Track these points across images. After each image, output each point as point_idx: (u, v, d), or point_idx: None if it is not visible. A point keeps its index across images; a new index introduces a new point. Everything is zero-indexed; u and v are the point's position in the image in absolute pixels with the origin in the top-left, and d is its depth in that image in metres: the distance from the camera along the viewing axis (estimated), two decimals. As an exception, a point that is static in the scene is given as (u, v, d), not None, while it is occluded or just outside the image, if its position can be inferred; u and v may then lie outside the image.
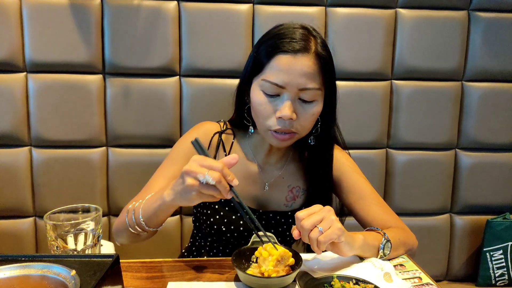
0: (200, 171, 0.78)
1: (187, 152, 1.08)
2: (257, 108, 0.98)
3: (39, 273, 0.61)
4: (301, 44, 0.93)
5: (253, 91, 0.99)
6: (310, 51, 0.93)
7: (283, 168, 1.13)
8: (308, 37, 0.95)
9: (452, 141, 1.68)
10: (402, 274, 0.91)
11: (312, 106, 0.97)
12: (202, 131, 1.11)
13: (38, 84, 1.49)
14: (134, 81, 1.52)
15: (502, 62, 1.64)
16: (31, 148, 1.53)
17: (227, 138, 1.12)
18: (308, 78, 0.93)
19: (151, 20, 1.49)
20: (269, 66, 0.94)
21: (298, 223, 0.82)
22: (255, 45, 1.01)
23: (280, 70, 0.93)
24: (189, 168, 0.80)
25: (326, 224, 0.81)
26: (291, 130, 0.97)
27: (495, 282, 1.68)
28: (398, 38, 1.60)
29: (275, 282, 0.82)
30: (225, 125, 1.14)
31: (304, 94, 0.95)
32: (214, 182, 0.78)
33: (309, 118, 0.98)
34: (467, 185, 1.70)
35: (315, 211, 0.83)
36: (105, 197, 1.57)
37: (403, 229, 1.05)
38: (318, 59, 0.94)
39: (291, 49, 0.92)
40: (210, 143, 1.10)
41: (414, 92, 1.63)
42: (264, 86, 0.95)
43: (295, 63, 0.92)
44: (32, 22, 1.46)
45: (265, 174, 1.11)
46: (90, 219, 0.78)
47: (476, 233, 1.72)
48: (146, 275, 0.89)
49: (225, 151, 1.11)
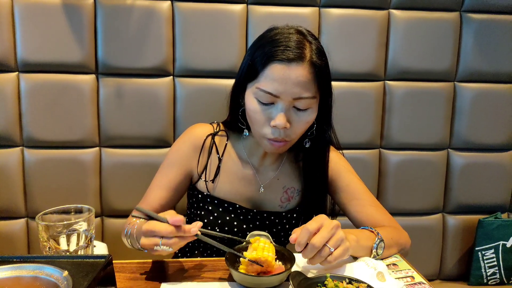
0: (153, 242, 0.80)
1: (180, 159, 1.10)
2: (251, 115, 0.98)
3: (31, 274, 0.61)
4: (296, 53, 0.92)
5: (248, 98, 0.99)
6: (304, 59, 0.92)
7: (278, 169, 1.13)
8: (303, 43, 0.94)
9: (445, 142, 1.69)
10: (395, 274, 0.92)
11: (306, 114, 0.96)
12: (194, 137, 1.11)
13: (30, 84, 1.48)
14: (127, 81, 1.52)
15: (493, 63, 1.65)
16: (23, 148, 1.51)
17: (221, 140, 1.12)
18: (303, 88, 0.92)
19: (144, 20, 1.49)
20: (264, 75, 0.94)
21: (306, 235, 0.79)
22: (250, 49, 1.01)
23: (274, 79, 0.92)
24: (143, 243, 0.82)
25: (335, 242, 0.79)
26: (285, 139, 0.97)
27: (486, 281, 1.69)
28: (391, 39, 1.61)
29: (268, 280, 0.82)
30: (218, 126, 1.14)
31: (299, 103, 0.94)
32: (170, 249, 0.81)
33: (303, 126, 0.98)
34: (459, 185, 1.71)
35: (323, 224, 0.81)
36: (98, 198, 1.56)
37: (396, 229, 1.06)
38: (313, 68, 0.93)
39: (285, 58, 0.91)
40: (202, 147, 1.10)
41: (407, 93, 1.64)
42: (258, 94, 0.95)
43: (289, 73, 0.91)
44: (24, 21, 1.45)
45: (260, 175, 1.11)
46: (82, 220, 0.78)
47: (468, 232, 1.73)
48: (139, 276, 0.89)
49: (218, 153, 1.10)
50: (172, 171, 1.09)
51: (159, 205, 1.07)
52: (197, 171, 1.10)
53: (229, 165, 1.10)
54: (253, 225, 1.10)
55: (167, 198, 1.08)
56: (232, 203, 1.09)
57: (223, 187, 1.09)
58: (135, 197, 1.16)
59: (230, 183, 1.10)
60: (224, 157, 1.11)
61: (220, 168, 1.10)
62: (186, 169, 1.10)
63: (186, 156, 1.09)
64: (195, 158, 1.09)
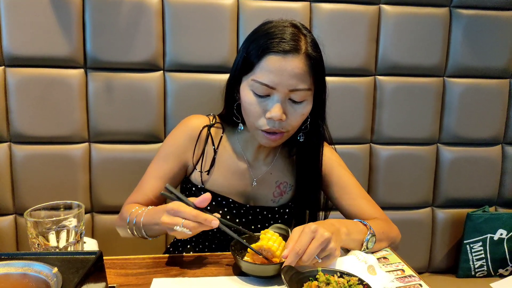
0: (175, 222, 0.82)
1: (176, 149, 1.09)
2: (247, 107, 0.98)
3: (20, 271, 0.60)
4: (291, 45, 0.92)
5: (243, 90, 0.98)
6: (300, 51, 0.92)
7: (271, 164, 1.13)
8: (298, 36, 0.94)
9: (434, 136, 1.71)
10: (385, 267, 0.92)
11: (302, 106, 0.97)
12: (190, 127, 1.11)
13: (17, 78, 1.45)
14: (116, 76, 1.50)
15: (482, 59, 1.67)
16: (10, 144, 1.49)
17: (216, 132, 1.12)
18: (299, 79, 0.93)
19: (134, 14, 1.47)
20: (259, 67, 0.94)
21: (296, 259, 0.80)
22: (244, 43, 1.00)
23: (270, 71, 0.92)
24: (164, 221, 0.84)
25: (324, 254, 0.83)
26: (281, 130, 0.97)
27: (474, 273, 1.72)
28: (381, 34, 1.61)
29: (261, 269, 0.85)
30: (215, 118, 1.14)
31: (294, 95, 0.94)
32: (190, 232, 0.82)
33: (298, 118, 0.98)
34: (448, 179, 1.73)
35: (315, 236, 0.82)
36: (88, 194, 1.55)
37: (387, 222, 1.07)
38: (309, 60, 0.93)
39: (281, 49, 0.91)
40: (198, 137, 1.09)
41: (397, 88, 1.65)
42: (254, 86, 0.95)
43: (285, 64, 0.91)
44: (10, 14, 1.42)
45: (253, 170, 1.11)
46: (72, 216, 0.77)
47: (457, 226, 1.75)
48: (130, 272, 0.89)
49: (214, 145, 1.10)
50: (168, 162, 1.09)
51: (154, 196, 1.08)
52: (193, 161, 1.10)
53: (223, 158, 1.10)
54: (246, 220, 1.10)
55: (163, 188, 1.07)
56: (226, 197, 1.09)
57: (217, 180, 1.09)
58: (125, 192, 1.14)
59: (224, 176, 1.10)
60: (219, 149, 1.11)
61: (216, 160, 1.10)
62: (181, 159, 1.10)
63: (182, 147, 1.09)
64: (191, 148, 1.09)
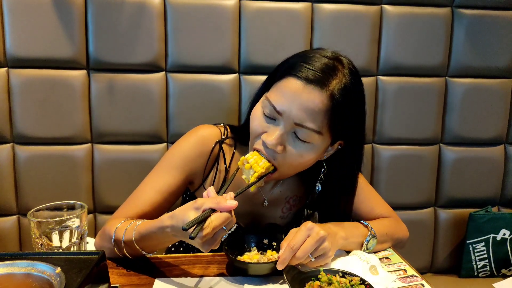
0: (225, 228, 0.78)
1: (183, 163, 1.01)
2: (251, 122, 0.93)
3: (23, 271, 0.60)
4: (318, 76, 0.83)
5: (257, 104, 0.93)
6: (325, 87, 0.83)
7: (280, 181, 1.08)
8: (333, 71, 0.85)
9: (436, 136, 1.71)
10: (387, 267, 0.93)
11: (303, 147, 0.87)
12: (201, 141, 1.02)
13: (20, 79, 1.46)
14: (119, 77, 1.50)
15: (485, 59, 1.66)
16: (13, 145, 1.49)
17: (228, 149, 1.05)
18: (309, 115, 0.83)
19: (136, 15, 1.47)
20: (276, 86, 0.88)
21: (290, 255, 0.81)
22: (284, 60, 0.94)
23: (283, 94, 0.85)
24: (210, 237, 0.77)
25: (318, 253, 0.83)
26: (271, 160, 0.89)
27: (477, 274, 1.71)
28: (383, 35, 1.61)
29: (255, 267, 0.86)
30: (226, 131, 1.05)
31: (299, 131, 0.86)
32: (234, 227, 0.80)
33: (295, 158, 0.89)
34: (450, 179, 1.73)
35: (310, 235, 0.82)
36: (91, 195, 1.55)
37: (395, 221, 1.06)
38: (330, 100, 0.83)
39: (304, 76, 0.83)
40: (210, 154, 1.01)
41: (399, 88, 1.65)
42: (264, 104, 0.89)
43: (301, 93, 0.83)
44: (13, 16, 1.42)
45: (263, 189, 1.06)
46: (75, 216, 0.78)
47: (459, 226, 1.75)
48: (133, 272, 0.89)
49: (225, 163, 1.03)
50: (172, 175, 0.99)
51: (152, 209, 0.98)
52: (202, 179, 1.03)
53: (235, 177, 1.01)
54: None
55: (161, 202, 0.99)
56: None
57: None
58: (127, 193, 1.14)
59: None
60: (231, 168, 1.04)
61: (227, 179, 1.02)
62: (188, 175, 1.01)
63: (191, 162, 1.01)
64: (202, 164, 1.01)
